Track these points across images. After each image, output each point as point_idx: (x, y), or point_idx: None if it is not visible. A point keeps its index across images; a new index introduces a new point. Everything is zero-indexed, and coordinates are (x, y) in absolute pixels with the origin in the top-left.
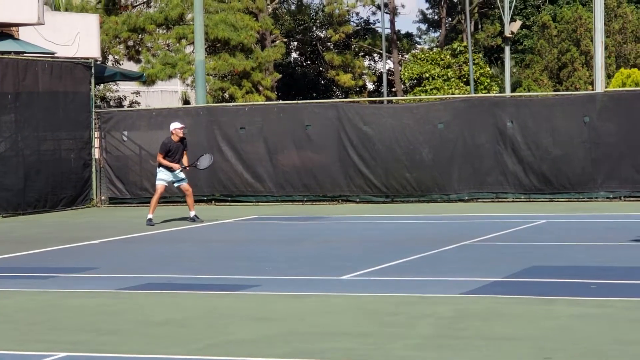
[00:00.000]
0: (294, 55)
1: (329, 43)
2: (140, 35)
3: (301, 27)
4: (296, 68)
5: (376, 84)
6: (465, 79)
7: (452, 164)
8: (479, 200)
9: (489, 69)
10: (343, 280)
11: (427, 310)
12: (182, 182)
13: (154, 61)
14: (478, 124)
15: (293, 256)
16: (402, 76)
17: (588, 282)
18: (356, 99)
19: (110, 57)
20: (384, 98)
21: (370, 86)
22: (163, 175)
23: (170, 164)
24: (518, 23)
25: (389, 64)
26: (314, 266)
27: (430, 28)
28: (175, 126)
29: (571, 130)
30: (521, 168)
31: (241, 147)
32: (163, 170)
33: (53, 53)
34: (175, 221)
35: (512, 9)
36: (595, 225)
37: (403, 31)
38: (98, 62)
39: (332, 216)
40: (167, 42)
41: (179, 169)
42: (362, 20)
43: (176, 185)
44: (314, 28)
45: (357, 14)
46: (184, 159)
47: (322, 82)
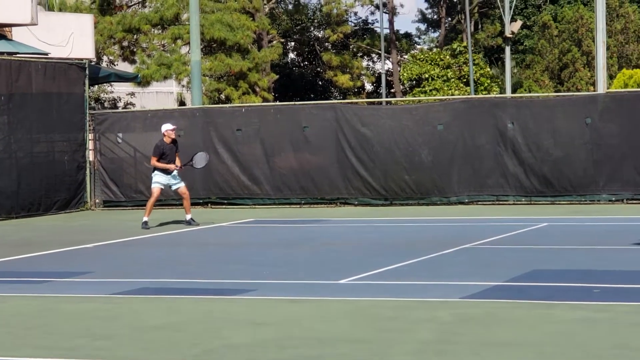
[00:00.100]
0: (291, 55)
1: (327, 43)
2: (135, 35)
3: (298, 27)
4: (293, 69)
5: (375, 85)
6: (465, 80)
7: (452, 166)
8: (479, 202)
9: (489, 70)
10: (340, 284)
11: (426, 315)
12: (180, 186)
13: (149, 62)
14: (478, 126)
15: (290, 260)
16: (401, 77)
17: (590, 287)
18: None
19: (104, 58)
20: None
21: (368, 87)
22: (159, 178)
23: (166, 166)
24: (518, 23)
25: (388, 65)
26: (311, 270)
27: (429, 28)
28: (167, 127)
29: (573, 131)
30: (522, 170)
31: (238, 149)
32: (158, 173)
33: (47, 54)
34: (171, 224)
35: (513, 9)
36: (597, 228)
37: (402, 31)
38: (92, 63)
39: (330, 219)
40: (163, 43)
41: (175, 169)
42: (361, 20)
43: (173, 188)
44: (312, 28)
45: (356, 14)
46: (177, 161)
47: (320, 83)
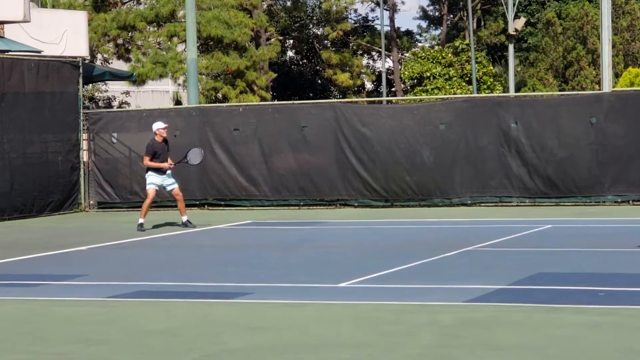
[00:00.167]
0: (290, 53)
1: (326, 41)
2: (130, 33)
3: (297, 25)
4: (292, 67)
5: (375, 84)
6: (467, 78)
7: (454, 167)
8: (482, 204)
9: (492, 68)
10: (340, 288)
11: (428, 319)
12: (173, 187)
13: (145, 60)
14: (481, 125)
15: (288, 263)
16: (402, 75)
17: (595, 290)
18: (354, 99)
19: (99, 56)
20: (383, 98)
21: (369, 86)
22: (153, 179)
23: (159, 165)
24: (522, 20)
25: (389, 63)
26: (311, 273)
27: (431, 25)
28: (158, 126)
29: (577, 131)
30: (526, 171)
31: (235, 149)
32: (152, 174)
33: (39, 52)
34: (167, 226)
35: (516, 6)
36: (602, 230)
37: (403, 28)
38: (86, 61)
39: (330, 221)
40: (158, 40)
41: (169, 168)
42: (361, 17)
43: (168, 189)
44: (311, 25)
45: (356, 11)
46: (169, 160)
47: (319, 82)
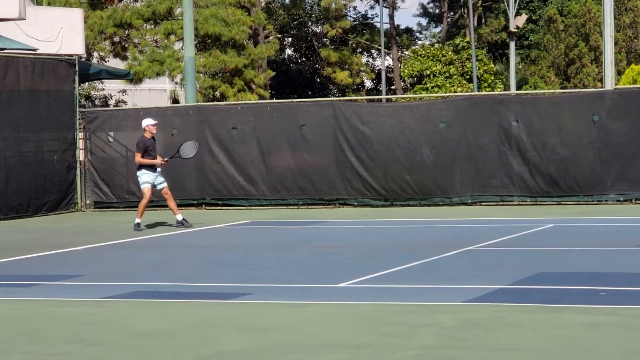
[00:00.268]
0: (289, 51)
1: (325, 39)
2: (126, 30)
3: (296, 22)
4: (291, 65)
5: (375, 82)
6: (468, 76)
7: (455, 166)
8: (483, 203)
9: (493, 66)
10: (339, 288)
11: (428, 319)
12: (163, 186)
13: (141, 58)
14: (482, 124)
15: (287, 263)
16: (402, 73)
17: (597, 289)
18: (354, 98)
19: (95, 54)
20: (383, 96)
21: (368, 84)
22: (147, 177)
23: (152, 161)
24: (524, 17)
25: (388, 61)
26: (309, 273)
27: (431, 23)
28: (148, 122)
29: (579, 129)
30: (527, 169)
31: (233, 148)
32: (145, 172)
33: (35, 49)
34: (163, 226)
35: (518, 3)
36: (604, 229)
37: (403, 26)
38: (82, 59)
39: (329, 220)
40: (155, 38)
41: (161, 164)
42: (360, 14)
43: (158, 188)
44: (310, 23)
45: (355, 8)
46: (157, 157)
47: (318, 80)
